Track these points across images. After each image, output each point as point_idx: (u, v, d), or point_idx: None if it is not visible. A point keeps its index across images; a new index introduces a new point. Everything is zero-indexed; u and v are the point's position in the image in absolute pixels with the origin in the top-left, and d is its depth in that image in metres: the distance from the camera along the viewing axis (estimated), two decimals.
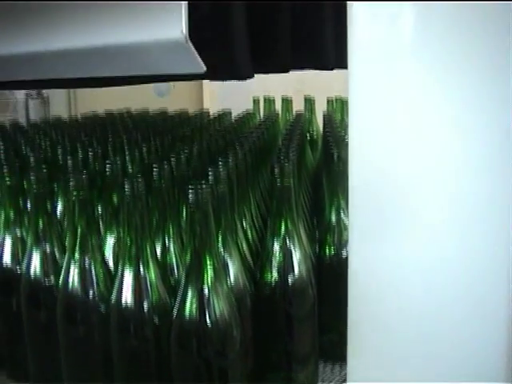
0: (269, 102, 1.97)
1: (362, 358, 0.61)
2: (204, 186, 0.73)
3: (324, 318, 0.94)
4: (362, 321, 0.61)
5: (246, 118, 1.66)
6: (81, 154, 1.01)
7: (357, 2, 0.55)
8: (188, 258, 0.75)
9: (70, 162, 0.96)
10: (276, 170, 0.86)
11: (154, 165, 0.87)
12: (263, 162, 1.17)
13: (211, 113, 1.87)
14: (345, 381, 0.93)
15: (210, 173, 0.83)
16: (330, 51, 0.99)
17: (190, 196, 0.72)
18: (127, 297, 0.78)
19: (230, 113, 1.78)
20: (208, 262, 0.74)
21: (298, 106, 1.85)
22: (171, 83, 2.63)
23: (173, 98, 2.42)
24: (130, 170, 0.94)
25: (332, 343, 1.01)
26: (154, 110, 1.91)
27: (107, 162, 0.92)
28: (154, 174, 0.84)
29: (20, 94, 3.67)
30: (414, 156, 0.54)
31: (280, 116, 1.78)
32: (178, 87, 3.59)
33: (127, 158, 0.97)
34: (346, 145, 0.60)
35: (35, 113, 3.02)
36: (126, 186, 0.77)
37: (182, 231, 0.89)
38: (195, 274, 0.74)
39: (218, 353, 0.76)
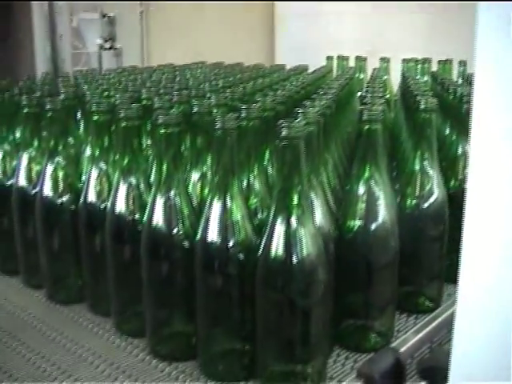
0: (342, 60, 1.96)
1: None
2: (297, 122, 0.73)
3: (401, 270, 0.93)
4: None
5: (323, 72, 1.64)
6: (165, 98, 1.02)
7: None
8: (276, 196, 0.75)
9: (156, 100, 0.96)
10: (364, 114, 0.85)
11: (242, 106, 0.87)
12: (342, 113, 1.16)
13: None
14: (419, 331, 0.93)
15: (299, 112, 0.82)
16: None
17: (283, 131, 0.72)
18: (213, 234, 0.79)
19: (307, 67, 1.77)
20: (296, 201, 0.74)
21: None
22: None
23: (244, 54, 2.41)
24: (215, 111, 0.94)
25: (408, 294, 1.00)
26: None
27: (194, 101, 0.93)
28: (243, 113, 0.84)
29: (93, 47, 3.71)
30: None
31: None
32: (249, 43, 3.58)
33: (212, 100, 0.97)
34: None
35: (108, 65, 3.04)
36: (218, 122, 0.77)
37: (266, 172, 0.89)
38: (282, 212, 0.74)
39: (302, 293, 0.76)
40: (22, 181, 1.07)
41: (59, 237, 1.03)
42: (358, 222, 0.87)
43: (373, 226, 0.87)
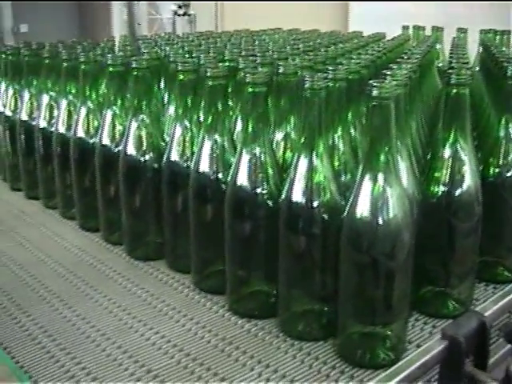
0: (418, 29, 1.93)
1: None
2: (387, 81, 0.73)
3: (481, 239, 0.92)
4: None
5: (401, 40, 1.62)
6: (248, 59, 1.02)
7: None
8: (364, 156, 0.75)
9: (241, 61, 0.97)
10: (453, 78, 0.83)
11: (329, 67, 0.87)
12: (423, 80, 1.15)
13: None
14: (498, 300, 0.92)
15: (387, 74, 0.82)
16: None
17: (374, 90, 0.71)
18: (298, 194, 0.79)
19: (384, 35, 1.75)
20: (384, 162, 0.74)
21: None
22: None
23: (318, 22, 2.39)
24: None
25: (487, 264, 0.99)
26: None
27: (279, 63, 0.93)
28: (329, 74, 0.83)
29: (166, 13, 3.75)
30: None
31: None
32: (323, 11, 3.55)
33: (297, 62, 0.97)
34: None
35: (182, 31, 3.07)
36: (307, 82, 0.77)
37: (350, 134, 0.89)
38: (371, 172, 0.74)
39: (387, 255, 0.76)
40: (106, 139, 1.09)
41: (141, 195, 1.05)
42: (442, 187, 0.86)
43: (458, 192, 0.86)
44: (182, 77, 0.96)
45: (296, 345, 0.82)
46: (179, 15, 3.69)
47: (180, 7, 3.64)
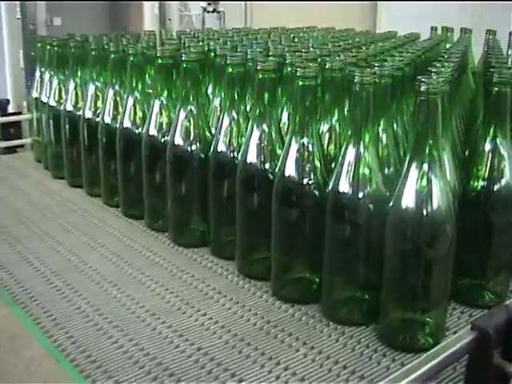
0: (446, 31, 1.94)
1: None
2: (434, 78, 0.76)
3: None
4: None
5: (437, 40, 1.64)
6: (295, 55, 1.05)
7: None
8: (410, 148, 0.78)
9: (288, 56, 1.00)
10: (495, 76, 0.86)
11: (375, 63, 0.90)
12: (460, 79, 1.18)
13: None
14: None
15: (433, 71, 0.85)
16: None
17: (422, 86, 0.75)
18: (345, 184, 0.82)
19: (419, 35, 1.77)
20: (430, 153, 0.77)
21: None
22: None
23: (346, 22, 2.42)
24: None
25: None
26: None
27: (326, 58, 0.96)
28: (376, 69, 0.87)
29: (195, 10, 3.79)
30: None
31: None
32: (351, 13, 3.58)
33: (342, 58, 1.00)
34: None
35: (210, 27, 3.11)
36: (356, 77, 0.80)
37: (393, 128, 0.92)
38: (416, 163, 0.77)
39: (431, 245, 0.79)
40: (152, 129, 1.13)
41: (188, 184, 1.09)
42: (481, 182, 0.89)
43: (497, 187, 0.89)
44: (230, 70, 0.99)
45: (339, 329, 0.86)
46: (208, 12, 3.73)
47: (209, 4, 3.69)
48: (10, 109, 3.10)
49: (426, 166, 0.77)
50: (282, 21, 2.22)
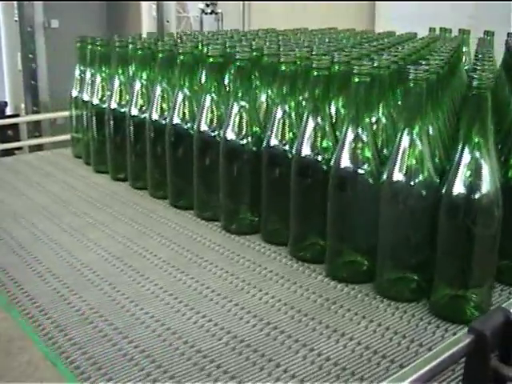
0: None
1: None
2: (484, 74, 0.84)
3: None
4: None
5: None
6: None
7: None
8: (461, 138, 0.86)
9: (335, 54, 1.08)
10: None
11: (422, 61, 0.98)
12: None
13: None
14: None
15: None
16: None
17: (474, 81, 0.83)
18: (398, 172, 0.90)
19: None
20: (479, 142, 0.85)
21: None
22: None
23: (344, 23, 2.49)
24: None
25: None
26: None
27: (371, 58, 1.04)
28: (428, 67, 0.94)
29: (193, 11, 3.85)
30: None
31: None
32: (350, 12, 3.64)
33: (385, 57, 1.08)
34: None
35: (208, 29, 3.18)
36: (411, 73, 0.88)
37: (438, 120, 1.00)
38: (468, 150, 0.85)
39: (482, 226, 0.86)
40: (203, 125, 1.21)
41: (239, 176, 1.17)
42: None
43: None
44: (283, 67, 1.07)
45: (393, 305, 0.94)
46: (206, 13, 3.79)
47: (207, 5, 3.75)
48: (8, 111, 3.13)
49: (477, 154, 0.85)
50: (280, 22, 2.28)
